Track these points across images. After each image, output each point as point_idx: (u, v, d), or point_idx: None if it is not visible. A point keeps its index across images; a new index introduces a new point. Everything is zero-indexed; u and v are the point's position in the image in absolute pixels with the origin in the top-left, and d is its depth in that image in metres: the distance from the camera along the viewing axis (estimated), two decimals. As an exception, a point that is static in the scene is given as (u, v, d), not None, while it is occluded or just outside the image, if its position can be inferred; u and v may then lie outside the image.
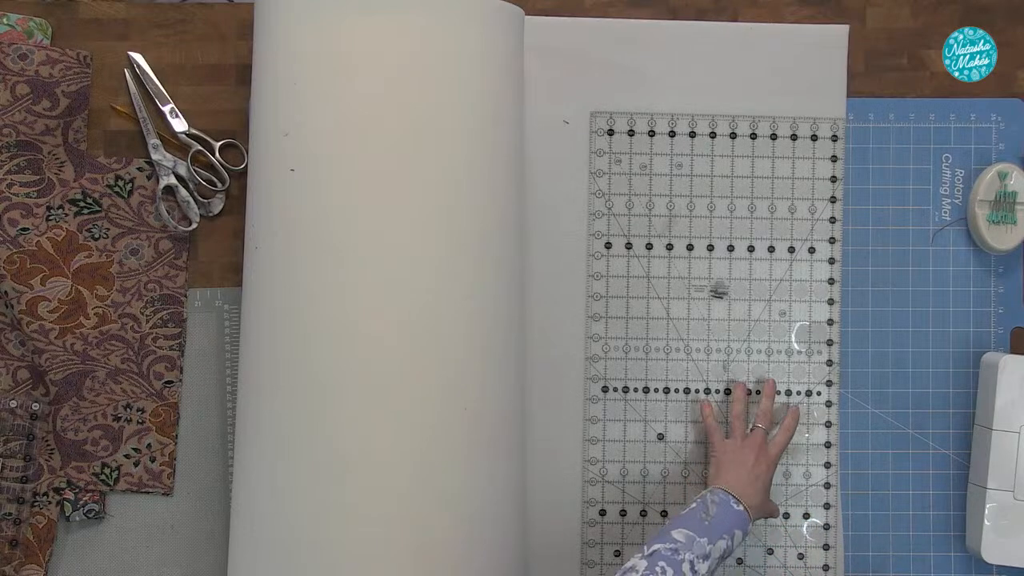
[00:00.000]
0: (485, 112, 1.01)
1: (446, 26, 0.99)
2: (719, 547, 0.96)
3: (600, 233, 1.15)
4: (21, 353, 1.10)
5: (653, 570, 0.91)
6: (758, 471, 1.05)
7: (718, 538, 0.96)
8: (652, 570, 0.91)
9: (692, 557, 0.93)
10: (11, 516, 1.07)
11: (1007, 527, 1.10)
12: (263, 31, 1.02)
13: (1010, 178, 1.14)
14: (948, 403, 1.15)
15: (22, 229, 1.09)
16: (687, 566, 0.93)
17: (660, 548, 0.94)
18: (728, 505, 1.00)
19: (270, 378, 0.99)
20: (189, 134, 1.12)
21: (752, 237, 1.15)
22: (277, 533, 0.97)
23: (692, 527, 0.96)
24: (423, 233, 0.98)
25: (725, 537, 0.97)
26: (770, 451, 1.07)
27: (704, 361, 1.15)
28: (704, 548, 0.95)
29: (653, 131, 1.15)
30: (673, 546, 0.94)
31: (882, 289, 1.16)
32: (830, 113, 1.15)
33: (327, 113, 0.98)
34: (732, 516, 0.99)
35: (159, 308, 1.11)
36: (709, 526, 0.97)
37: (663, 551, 0.93)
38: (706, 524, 0.97)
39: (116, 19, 1.13)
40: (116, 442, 1.10)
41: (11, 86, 1.08)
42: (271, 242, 1.00)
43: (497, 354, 1.02)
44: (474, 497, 0.99)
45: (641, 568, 0.92)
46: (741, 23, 1.15)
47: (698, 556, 0.94)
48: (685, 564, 0.93)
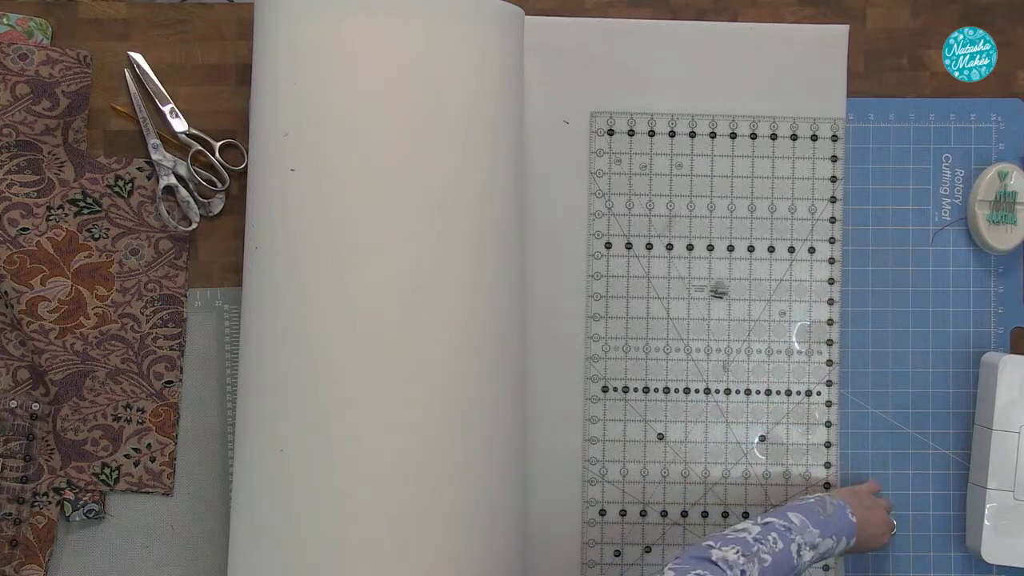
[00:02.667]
0: (485, 112, 1.01)
1: (446, 26, 0.99)
2: (825, 544, 0.97)
3: (600, 233, 1.15)
4: (21, 353, 1.10)
5: (766, 538, 0.93)
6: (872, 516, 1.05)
7: (827, 536, 0.98)
8: (765, 538, 0.93)
9: (802, 541, 0.95)
10: (11, 516, 1.07)
11: (1007, 527, 1.10)
12: (263, 31, 1.02)
13: (1010, 178, 1.14)
14: (948, 403, 1.15)
15: (22, 229, 1.09)
16: (795, 547, 0.94)
17: (775, 522, 0.96)
18: (844, 512, 1.01)
19: (270, 378, 0.99)
20: (189, 134, 1.12)
21: (752, 237, 1.15)
22: (277, 533, 0.97)
23: (808, 516, 0.98)
24: (423, 233, 0.98)
25: (833, 538, 0.98)
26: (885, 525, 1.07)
27: (704, 361, 1.15)
28: (814, 538, 0.96)
29: (653, 131, 1.15)
30: (787, 524, 0.96)
31: (882, 289, 1.16)
32: (830, 113, 1.15)
33: (327, 113, 0.98)
34: (845, 522, 1.00)
35: (159, 308, 1.11)
36: (824, 521, 0.98)
37: (777, 524, 0.95)
38: (822, 518, 0.99)
39: (116, 19, 1.13)
40: (116, 442, 1.10)
41: (11, 86, 1.08)
42: (271, 242, 1.00)
43: (497, 354, 1.02)
44: (474, 497, 0.99)
45: (754, 532, 0.94)
46: (741, 23, 1.15)
47: (807, 543, 0.96)
48: (794, 545, 0.94)
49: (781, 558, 0.93)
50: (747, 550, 0.91)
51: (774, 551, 0.92)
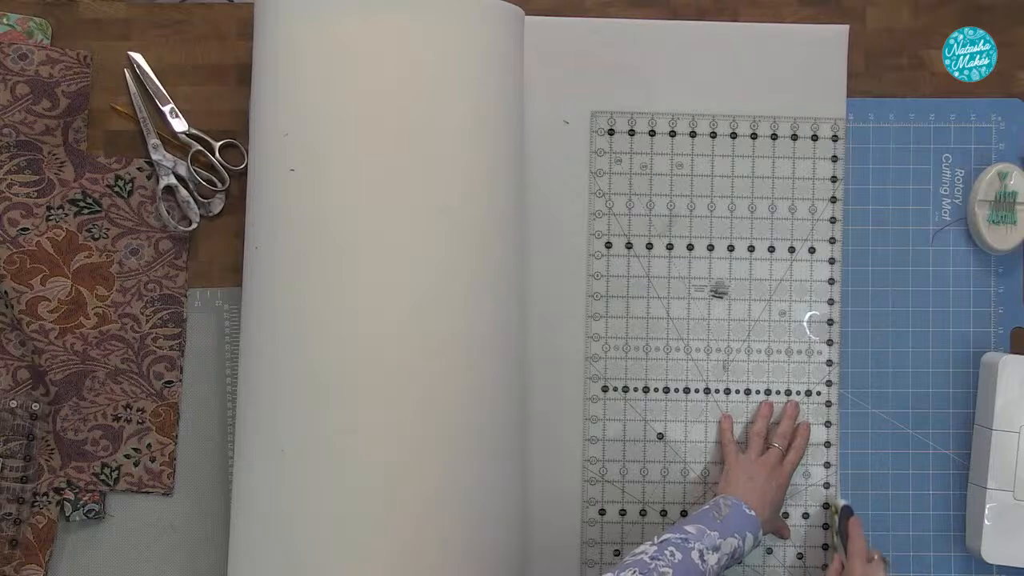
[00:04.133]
0: (485, 112, 1.01)
1: (446, 26, 0.99)
2: (729, 544, 0.97)
3: (600, 233, 1.15)
4: (21, 353, 1.10)
5: (662, 553, 0.93)
6: (768, 487, 1.06)
7: (729, 535, 0.98)
8: (661, 554, 0.93)
9: (702, 547, 0.95)
10: (11, 516, 1.07)
11: (1007, 527, 1.10)
12: (263, 31, 1.02)
13: (1010, 178, 1.14)
14: (948, 403, 1.15)
15: (22, 229, 1.09)
16: (696, 554, 0.94)
17: (671, 537, 0.95)
18: (740, 508, 1.01)
19: (270, 378, 0.99)
20: (189, 134, 1.12)
21: (752, 237, 1.15)
22: (277, 533, 0.97)
23: (704, 522, 0.98)
24: (423, 233, 0.98)
25: (736, 536, 0.98)
26: (783, 470, 1.08)
27: (704, 361, 1.15)
28: (714, 541, 0.96)
29: (654, 131, 1.15)
30: (684, 536, 0.96)
31: (882, 289, 1.16)
32: (830, 113, 1.15)
33: (327, 113, 0.98)
34: (744, 519, 1.01)
35: (159, 308, 1.11)
36: (721, 523, 0.98)
37: (673, 539, 0.95)
38: (718, 522, 0.98)
39: (116, 19, 1.13)
40: (116, 442, 1.10)
41: (11, 86, 1.08)
42: (271, 242, 1.00)
43: (497, 353, 1.02)
44: (474, 496, 0.99)
45: (651, 552, 0.93)
46: (741, 23, 1.15)
47: (708, 547, 0.95)
48: (694, 552, 0.94)
49: (683, 567, 0.92)
50: (644, 569, 0.91)
51: (673, 562, 0.92)
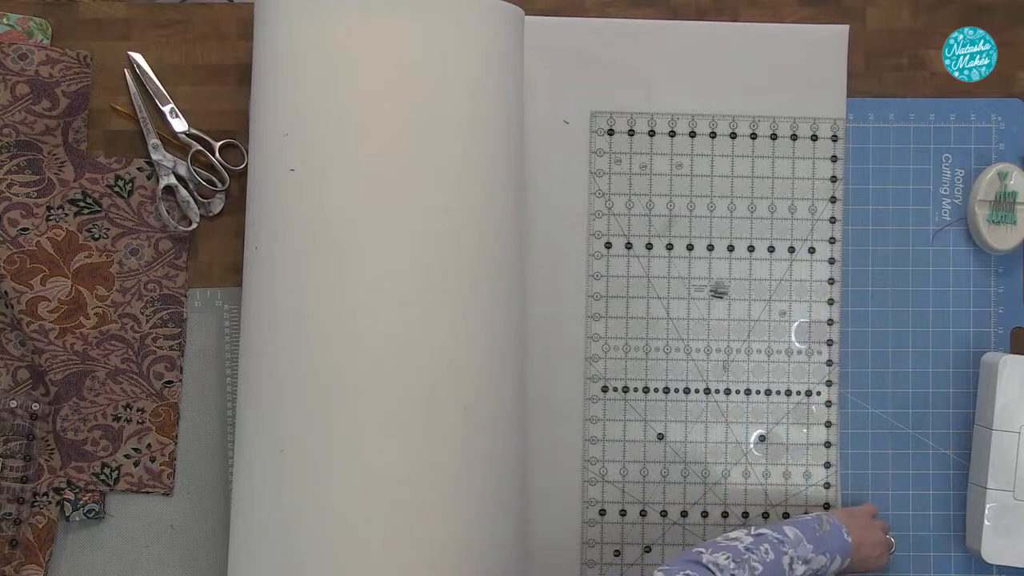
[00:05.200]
0: (485, 112, 1.01)
1: (446, 26, 0.99)
2: (818, 560, 0.98)
3: (600, 233, 1.15)
4: (21, 353, 1.10)
5: (758, 548, 0.93)
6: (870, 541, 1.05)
7: (821, 552, 0.98)
8: (757, 548, 0.93)
9: (794, 555, 0.95)
10: (11, 516, 1.07)
11: (1007, 527, 1.10)
12: (263, 31, 1.02)
13: (1010, 178, 1.14)
14: (948, 403, 1.15)
15: (22, 229, 1.09)
16: (787, 560, 0.94)
17: (768, 533, 0.96)
18: (840, 531, 1.01)
19: (270, 378, 0.99)
20: (189, 134, 1.12)
21: (752, 237, 1.15)
22: (277, 533, 0.97)
23: (804, 531, 0.98)
24: (423, 233, 0.98)
25: (827, 555, 0.99)
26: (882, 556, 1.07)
27: (704, 361, 1.15)
28: (808, 553, 0.96)
29: (653, 131, 1.15)
30: (781, 537, 0.96)
31: (882, 289, 1.16)
32: (830, 113, 1.15)
33: (327, 113, 0.98)
34: (840, 542, 1.01)
35: (159, 308, 1.11)
36: (819, 538, 0.99)
37: (771, 537, 0.95)
38: (817, 535, 0.99)
39: (116, 19, 1.13)
40: (116, 442, 1.10)
41: (11, 86, 1.08)
42: (271, 242, 1.00)
43: (497, 354, 1.02)
44: (474, 496, 0.99)
45: (746, 542, 0.94)
46: (741, 23, 1.15)
47: (799, 557, 0.96)
48: (786, 558, 0.94)
49: (772, 569, 0.93)
50: (738, 557, 0.91)
51: (765, 561, 0.93)
